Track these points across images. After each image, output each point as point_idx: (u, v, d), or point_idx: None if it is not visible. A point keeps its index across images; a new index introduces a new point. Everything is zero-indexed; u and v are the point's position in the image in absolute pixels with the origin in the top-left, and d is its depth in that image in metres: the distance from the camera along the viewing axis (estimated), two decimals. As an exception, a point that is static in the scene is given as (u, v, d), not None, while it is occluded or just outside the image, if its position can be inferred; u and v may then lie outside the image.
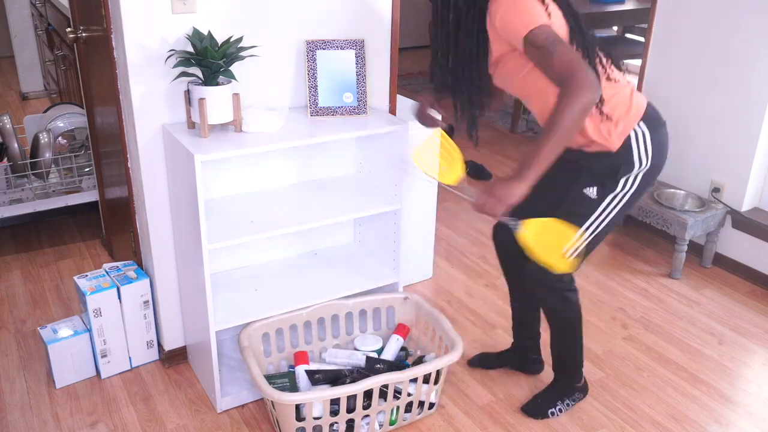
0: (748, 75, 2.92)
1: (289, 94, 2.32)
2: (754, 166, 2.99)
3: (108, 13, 2.08)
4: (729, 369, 2.50)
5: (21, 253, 3.15)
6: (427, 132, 2.16)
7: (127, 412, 2.24)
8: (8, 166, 3.08)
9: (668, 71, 3.24)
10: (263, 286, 2.33)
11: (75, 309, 2.74)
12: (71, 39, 2.67)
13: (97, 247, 3.20)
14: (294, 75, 2.31)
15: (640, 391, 2.37)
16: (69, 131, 3.27)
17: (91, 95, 2.81)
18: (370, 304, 2.41)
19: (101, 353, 2.35)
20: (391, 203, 2.30)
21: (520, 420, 2.23)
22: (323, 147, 2.43)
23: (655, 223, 3.08)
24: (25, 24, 5.18)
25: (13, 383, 2.35)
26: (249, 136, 2.06)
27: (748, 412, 2.29)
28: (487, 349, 2.54)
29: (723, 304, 2.90)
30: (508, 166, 4.28)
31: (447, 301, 2.87)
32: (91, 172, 3.22)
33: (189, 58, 1.98)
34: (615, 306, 2.86)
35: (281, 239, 2.49)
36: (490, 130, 4.90)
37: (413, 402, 2.15)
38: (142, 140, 2.13)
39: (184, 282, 2.28)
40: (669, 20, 3.20)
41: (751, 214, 3.05)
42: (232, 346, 2.46)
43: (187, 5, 2.04)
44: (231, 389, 2.26)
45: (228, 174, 2.29)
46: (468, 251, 3.27)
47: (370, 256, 2.54)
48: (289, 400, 1.93)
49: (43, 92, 5.40)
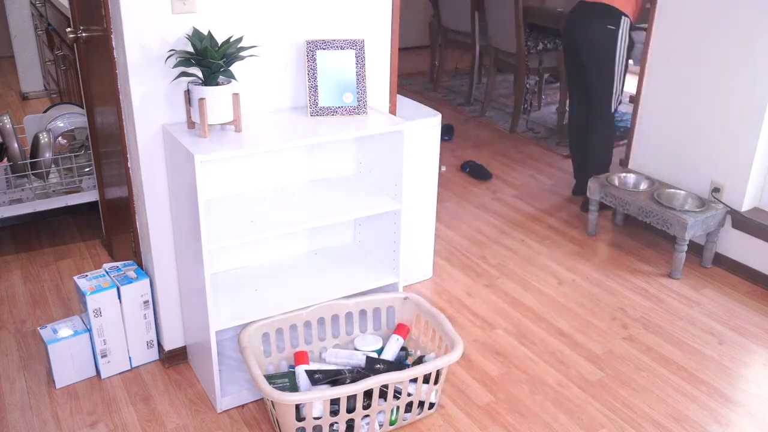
0: (748, 75, 2.92)
1: (289, 94, 2.32)
2: (754, 166, 2.99)
3: (108, 13, 2.08)
4: (729, 369, 2.50)
5: (21, 253, 3.15)
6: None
7: (127, 412, 2.24)
8: (8, 166, 3.08)
9: (668, 71, 3.25)
10: (263, 286, 2.33)
11: (75, 309, 2.74)
12: (71, 39, 2.67)
13: (97, 247, 3.20)
14: (294, 75, 2.31)
15: (640, 391, 2.37)
16: (69, 131, 3.27)
17: (91, 95, 2.81)
18: (370, 304, 2.41)
19: (101, 353, 2.35)
20: (391, 203, 2.30)
21: (520, 420, 2.23)
22: (323, 147, 2.43)
23: (655, 223, 3.08)
24: (25, 24, 5.18)
25: (13, 383, 2.35)
26: (249, 136, 2.06)
27: (748, 412, 2.29)
28: (487, 349, 2.54)
29: (723, 304, 2.90)
30: (508, 166, 4.28)
31: (447, 301, 2.87)
32: (91, 172, 3.22)
33: (189, 58, 1.98)
34: (615, 306, 2.86)
35: (281, 239, 2.49)
36: (490, 130, 4.91)
37: (413, 402, 2.15)
38: (142, 140, 2.13)
39: (184, 282, 2.28)
40: (669, 20, 3.20)
41: (751, 214, 3.05)
42: (232, 346, 2.46)
43: (187, 5, 2.04)
44: (231, 389, 2.26)
45: (228, 174, 2.29)
46: (468, 251, 3.27)
47: (370, 256, 2.54)
48: (289, 400, 1.93)
49: (43, 92, 5.40)
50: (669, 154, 3.33)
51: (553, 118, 5.14)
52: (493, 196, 3.86)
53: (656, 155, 3.38)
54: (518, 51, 4.65)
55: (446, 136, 4.62)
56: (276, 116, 2.25)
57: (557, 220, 3.59)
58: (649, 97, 3.37)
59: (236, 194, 2.32)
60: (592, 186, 3.33)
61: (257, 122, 2.18)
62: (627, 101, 5.54)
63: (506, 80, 6.13)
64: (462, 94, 5.74)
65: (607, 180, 3.31)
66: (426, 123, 2.74)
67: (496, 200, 3.81)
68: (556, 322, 2.74)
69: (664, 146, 3.34)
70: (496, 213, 3.66)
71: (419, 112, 2.80)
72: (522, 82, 4.75)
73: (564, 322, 2.74)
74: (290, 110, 2.32)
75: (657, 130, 3.36)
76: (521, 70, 4.71)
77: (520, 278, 3.04)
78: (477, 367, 2.48)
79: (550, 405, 2.30)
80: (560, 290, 2.96)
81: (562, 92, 4.75)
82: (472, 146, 4.57)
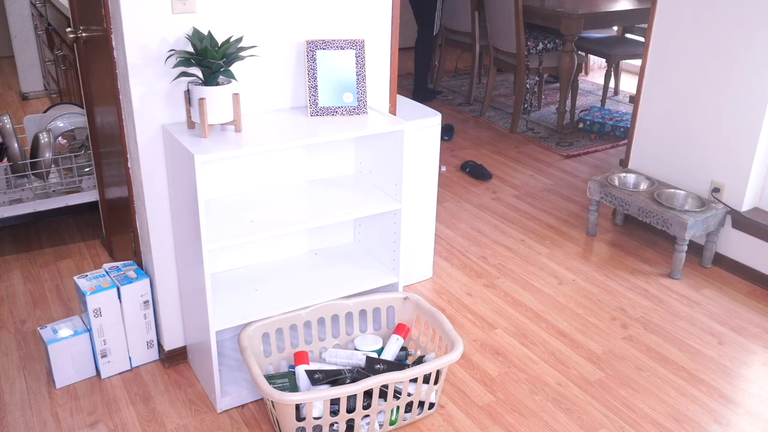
0: (748, 75, 2.92)
1: (289, 94, 2.32)
2: (754, 166, 2.99)
3: (108, 13, 2.08)
4: (729, 369, 2.50)
5: (21, 253, 3.15)
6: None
7: (127, 412, 2.24)
8: (8, 166, 3.08)
9: (668, 71, 3.25)
10: (263, 286, 2.33)
11: (75, 309, 2.75)
12: (71, 39, 2.67)
13: (97, 247, 3.20)
14: (294, 75, 2.31)
15: (640, 391, 2.37)
16: (69, 131, 3.27)
17: (91, 95, 2.81)
18: (370, 304, 2.41)
19: (101, 353, 2.35)
20: (391, 203, 2.30)
21: (520, 420, 2.23)
22: (323, 147, 2.43)
23: (655, 223, 3.08)
24: (25, 24, 5.18)
25: (13, 383, 2.35)
26: (249, 136, 2.06)
27: (748, 412, 2.29)
28: (487, 349, 2.55)
29: (723, 304, 2.90)
30: (508, 166, 4.28)
31: (447, 301, 2.87)
32: (91, 172, 3.22)
33: (189, 57, 1.98)
34: (615, 306, 2.86)
35: (281, 239, 2.49)
36: (490, 130, 4.91)
37: (413, 402, 2.15)
38: (142, 140, 2.13)
39: (184, 282, 2.28)
40: (669, 20, 3.20)
41: (751, 214, 3.05)
42: (232, 346, 2.46)
43: (187, 5, 2.04)
44: (231, 389, 2.26)
45: (228, 174, 2.29)
46: (468, 251, 3.27)
47: (370, 256, 2.54)
48: (289, 400, 1.93)
49: (43, 92, 5.40)
50: (669, 154, 3.33)
51: (553, 118, 5.14)
52: (493, 196, 3.86)
53: (656, 155, 3.39)
54: (518, 51, 4.65)
55: (446, 136, 4.62)
56: (276, 116, 2.26)
57: (557, 220, 3.59)
58: (649, 97, 3.37)
59: (236, 194, 2.32)
60: (592, 186, 3.33)
61: (257, 122, 2.18)
62: (627, 101, 5.55)
63: (506, 80, 6.13)
64: (462, 94, 5.74)
65: (607, 180, 3.31)
66: (426, 123, 2.74)
67: (496, 200, 3.81)
68: (556, 322, 2.74)
69: (664, 146, 3.34)
70: (496, 213, 3.66)
71: (419, 112, 2.80)
72: (522, 82, 4.75)
73: (564, 322, 2.74)
74: (290, 110, 2.32)
75: (657, 130, 3.36)
76: (521, 70, 4.71)
77: (520, 278, 3.05)
78: (477, 367, 2.48)
79: (550, 405, 2.30)
80: (560, 290, 2.96)
81: (563, 92, 4.75)
82: (472, 146, 4.57)
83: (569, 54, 4.61)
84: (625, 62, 6.26)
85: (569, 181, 4.07)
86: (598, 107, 5.14)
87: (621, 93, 5.77)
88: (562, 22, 4.55)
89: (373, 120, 2.27)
